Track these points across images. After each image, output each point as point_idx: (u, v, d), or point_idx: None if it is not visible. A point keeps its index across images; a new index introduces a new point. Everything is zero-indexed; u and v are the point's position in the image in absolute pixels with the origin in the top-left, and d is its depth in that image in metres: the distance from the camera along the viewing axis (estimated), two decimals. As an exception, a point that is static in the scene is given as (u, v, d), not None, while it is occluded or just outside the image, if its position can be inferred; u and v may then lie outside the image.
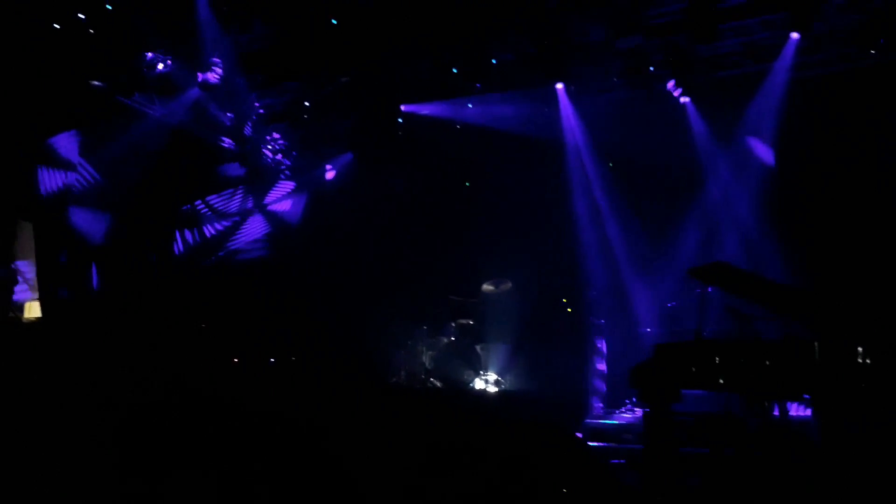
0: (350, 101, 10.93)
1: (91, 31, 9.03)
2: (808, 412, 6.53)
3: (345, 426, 6.01)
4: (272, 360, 9.11)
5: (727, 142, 9.54)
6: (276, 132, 11.90)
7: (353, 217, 11.60)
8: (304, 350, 9.84)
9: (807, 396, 5.45)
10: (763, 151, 9.51)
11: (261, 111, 11.24)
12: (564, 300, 9.60)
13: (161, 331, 9.91)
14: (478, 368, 8.88)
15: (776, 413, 5.77)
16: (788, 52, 8.61)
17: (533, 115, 10.49)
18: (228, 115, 11.19)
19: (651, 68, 9.48)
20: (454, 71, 10.17)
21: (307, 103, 11.09)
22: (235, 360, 9.05)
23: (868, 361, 5.04)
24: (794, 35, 8.42)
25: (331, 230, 11.77)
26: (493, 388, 8.68)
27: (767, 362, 5.09)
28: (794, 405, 6.65)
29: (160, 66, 9.87)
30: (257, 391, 7.22)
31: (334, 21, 9.31)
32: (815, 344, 4.96)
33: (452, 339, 9.25)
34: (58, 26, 8.90)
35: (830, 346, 4.97)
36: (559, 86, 9.92)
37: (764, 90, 9.02)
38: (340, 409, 6.37)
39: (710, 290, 5.83)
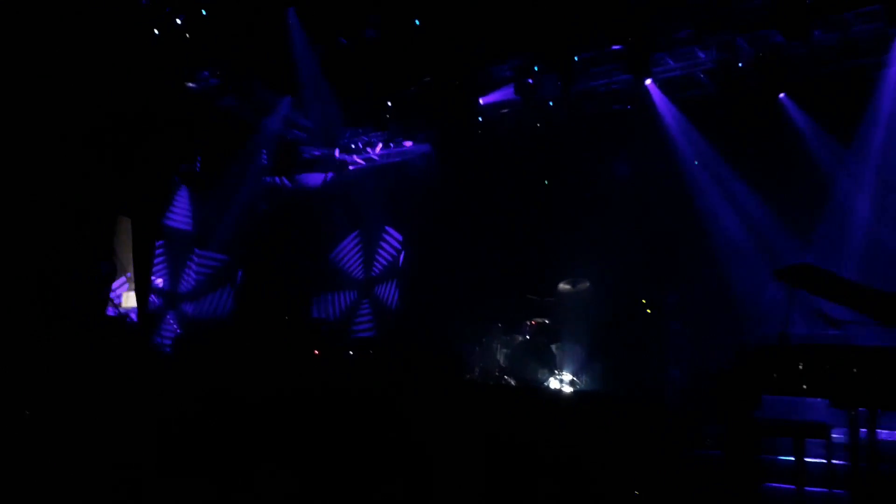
0: (431, 101, 11.08)
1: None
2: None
3: (423, 420, 6.13)
4: (350, 352, 9.33)
5: (845, 142, 9.05)
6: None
7: (432, 214, 11.77)
8: (383, 344, 10.06)
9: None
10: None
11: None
12: (644, 301, 9.44)
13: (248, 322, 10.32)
14: (552, 368, 8.82)
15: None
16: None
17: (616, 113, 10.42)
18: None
19: (740, 64, 9.27)
20: (535, 69, 10.24)
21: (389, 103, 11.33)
22: (316, 352, 9.31)
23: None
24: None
25: (411, 228, 11.98)
26: (568, 388, 8.61)
27: (855, 369, 4.89)
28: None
29: None
30: (339, 383, 7.42)
31: (417, 21, 9.49)
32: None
33: (528, 337, 9.23)
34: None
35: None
36: (648, 81, 9.81)
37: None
38: (417, 404, 6.49)
39: (796, 292, 5.63)
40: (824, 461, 5.78)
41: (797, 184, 9.16)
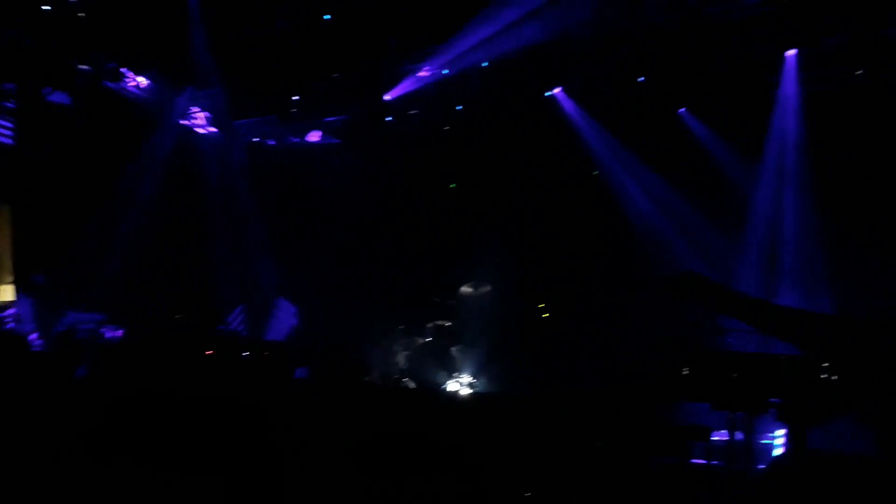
0: (340, 95, 10.95)
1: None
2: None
3: (312, 422, 5.99)
4: (246, 353, 9.05)
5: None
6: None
7: (338, 210, 11.61)
8: (282, 346, 9.84)
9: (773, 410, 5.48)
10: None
11: None
12: (541, 305, 9.62)
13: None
14: (452, 370, 8.85)
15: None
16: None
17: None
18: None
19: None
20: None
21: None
22: (209, 352, 8.99)
23: (835, 377, 5.08)
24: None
25: (313, 221, 11.76)
26: (466, 390, 8.65)
27: (733, 375, 5.12)
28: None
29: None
30: (229, 386, 7.18)
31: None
32: (782, 358, 5.01)
33: (428, 339, 9.23)
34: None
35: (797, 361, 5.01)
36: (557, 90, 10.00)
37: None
38: (308, 405, 6.35)
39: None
40: (705, 462, 6.02)
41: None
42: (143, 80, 10.53)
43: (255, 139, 12.22)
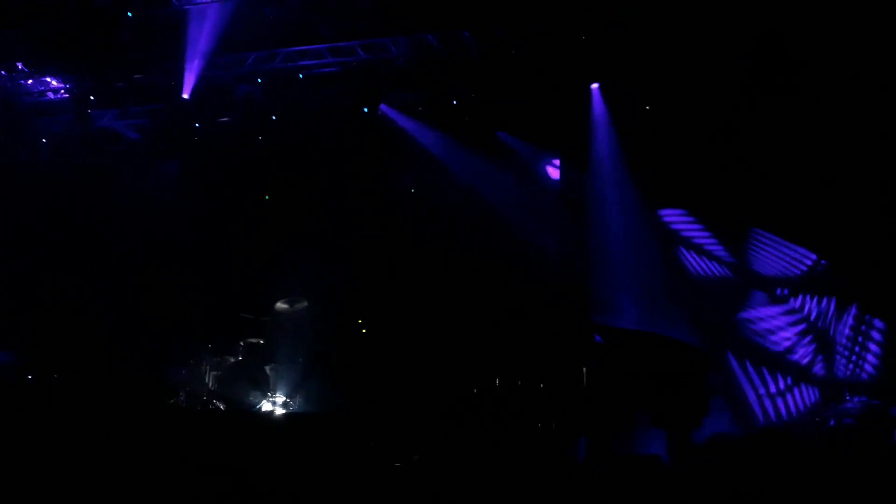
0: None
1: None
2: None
3: (109, 449, 5.48)
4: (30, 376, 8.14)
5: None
6: None
7: (138, 218, 10.77)
8: (70, 364, 8.91)
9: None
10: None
11: None
12: (360, 321, 9.51)
13: None
14: (266, 390, 8.50)
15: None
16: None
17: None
18: None
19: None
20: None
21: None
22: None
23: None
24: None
25: (105, 225, 10.81)
26: (280, 410, 8.34)
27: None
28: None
29: None
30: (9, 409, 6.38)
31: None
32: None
33: (240, 358, 8.80)
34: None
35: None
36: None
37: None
38: (106, 431, 5.80)
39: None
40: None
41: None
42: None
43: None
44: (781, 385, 9.28)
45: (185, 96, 10.08)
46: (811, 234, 9.27)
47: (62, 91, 10.70)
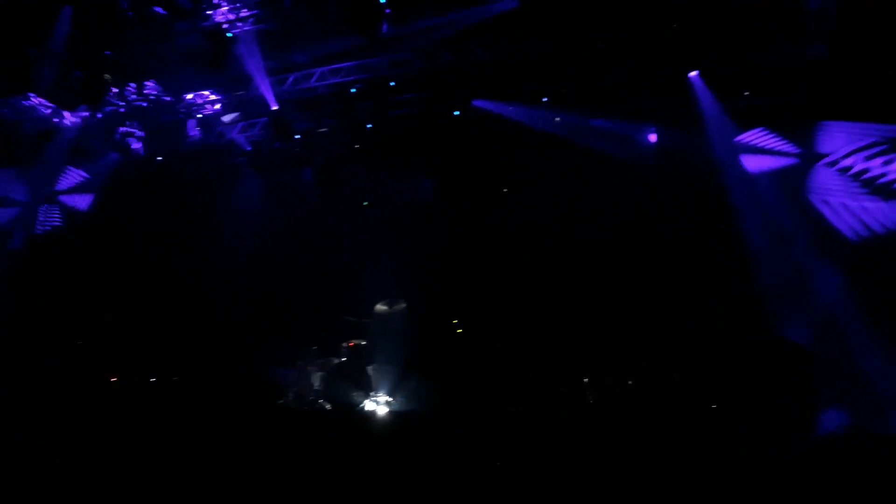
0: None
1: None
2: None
3: (230, 447, 5.85)
4: (153, 378, 8.75)
5: None
6: None
7: (247, 232, 11.34)
8: (190, 369, 9.50)
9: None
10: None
11: None
12: (455, 321, 9.69)
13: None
14: (368, 389, 8.80)
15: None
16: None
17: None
18: None
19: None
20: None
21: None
22: (113, 378, 8.65)
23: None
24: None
25: (224, 244, 11.44)
26: (383, 409, 8.62)
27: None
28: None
29: None
30: (138, 412, 6.92)
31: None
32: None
33: (343, 359, 9.15)
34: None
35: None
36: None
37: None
38: (226, 431, 6.20)
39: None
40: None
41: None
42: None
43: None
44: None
45: (274, 108, 10.57)
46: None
47: (217, 104, 11.24)
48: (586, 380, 8.11)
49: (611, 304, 9.02)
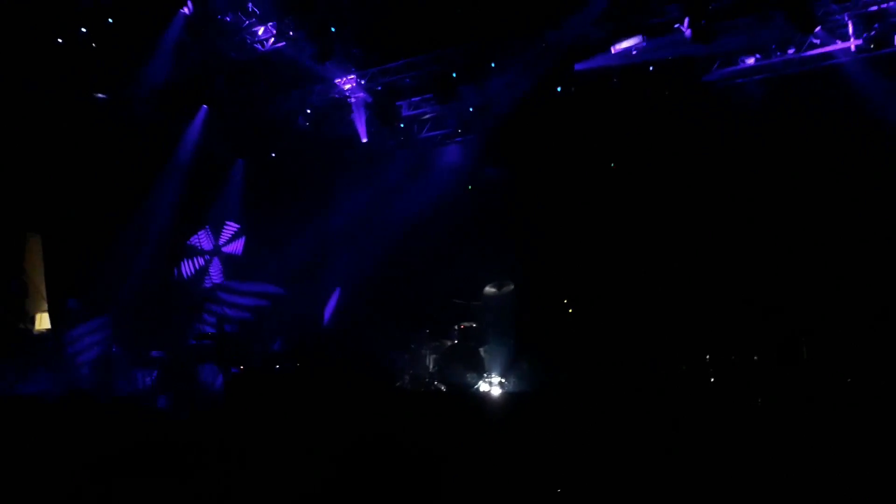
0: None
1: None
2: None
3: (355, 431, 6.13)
4: (277, 366, 9.21)
5: None
6: None
7: (355, 219, 11.73)
8: (309, 355, 9.97)
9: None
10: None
11: None
12: (565, 301, 9.68)
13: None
14: (481, 371, 8.95)
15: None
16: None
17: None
18: None
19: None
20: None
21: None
22: (241, 367, 9.16)
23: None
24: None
25: (332, 232, 11.88)
26: (497, 390, 8.76)
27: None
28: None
29: None
30: (263, 397, 7.34)
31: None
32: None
33: (455, 342, 9.33)
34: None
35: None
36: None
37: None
38: (349, 414, 6.48)
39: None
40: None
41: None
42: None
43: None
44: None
45: None
46: None
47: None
48: (708, 357, 7.92)
49: (728, 281, 8.75)
